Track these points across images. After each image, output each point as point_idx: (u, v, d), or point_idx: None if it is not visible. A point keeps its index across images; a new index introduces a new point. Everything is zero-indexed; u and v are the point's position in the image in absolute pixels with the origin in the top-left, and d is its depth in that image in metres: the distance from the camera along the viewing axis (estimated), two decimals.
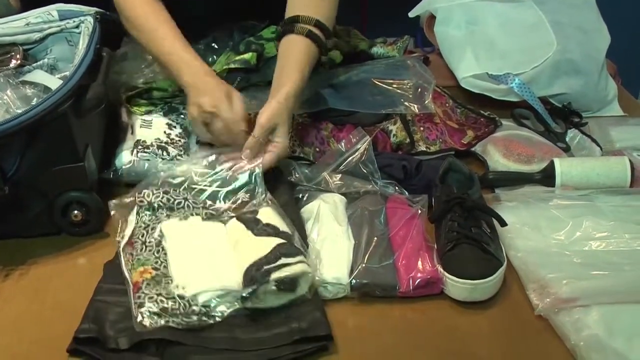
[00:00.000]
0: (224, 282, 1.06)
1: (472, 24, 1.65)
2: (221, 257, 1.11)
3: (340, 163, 1.29)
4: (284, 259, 1.06)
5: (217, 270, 1.09)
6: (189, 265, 1.10)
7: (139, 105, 1.47)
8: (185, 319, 1.02)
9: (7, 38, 1.42)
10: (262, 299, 1.05)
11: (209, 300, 1.04)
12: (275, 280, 1.04)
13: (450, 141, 1.42)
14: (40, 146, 1.15)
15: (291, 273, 1.05)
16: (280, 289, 1.05)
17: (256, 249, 1.09)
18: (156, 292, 1.04)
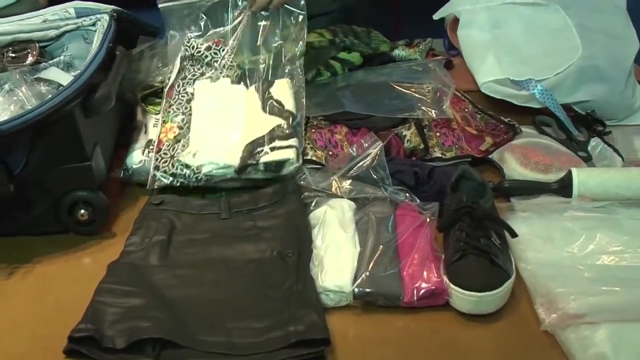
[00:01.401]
0: (227, 159, 1.28)
1: (496, 28, 1.62)
2: (232, 130, 1.33)
3: (351, 168, 1.27)
4: (277, 142, 1.28)
5: (225, 145, 1.30)
6: (205, 135, 1.32)
7: (154, 104, 1.47)
8: (189, 180, 1.28)
9: (24, 35, 1.43)
10: (253, 174, 1.28)
11: (211, 170, 1.27)
12: (264, 163, 1.26)
13: (467, 147, 1.40)
14: (47, 144, 1.15)
15: (278, 158, 1.27)
16: (267, 170, 1.27)
17: (259, 127, 1.31)
18: (171, 155, 1.29)
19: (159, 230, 1.18)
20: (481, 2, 1.68)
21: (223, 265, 1.13)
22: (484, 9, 1.65)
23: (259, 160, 1.27)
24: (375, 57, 1.63)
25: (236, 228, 1.21)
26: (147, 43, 1.50)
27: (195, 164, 1.28)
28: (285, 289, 1.07)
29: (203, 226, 1.21)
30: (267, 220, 1.22)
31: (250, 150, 1.29)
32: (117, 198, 1.30)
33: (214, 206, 1.25)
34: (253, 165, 1.27)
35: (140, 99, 1.46)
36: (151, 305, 1.04)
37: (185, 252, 1.16)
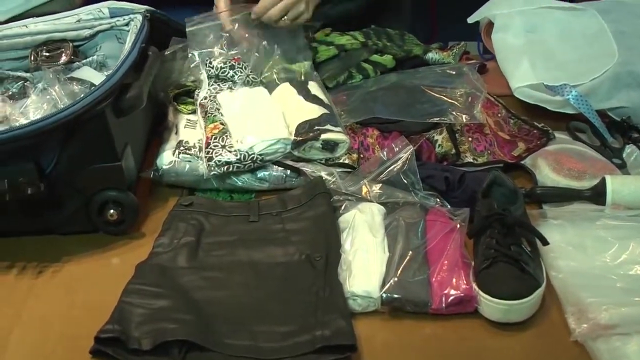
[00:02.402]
0: (274, 134, 1.32)
1: (531, 32, 1.60)
2: (269, 114, 1.38)
3: (381, 172, 1.27)
4: (329, 126, 1.33)
5: (267, 125, 1.34)
6: (244, 124, 1.35)
7: (186, 104, 1.48)
8: (244, 163, 1.30)
9: (58, 34, 1.45)
10: (307, 152, 1.33)
11: (264, 149, 1.30)
12: (323, 139, 1.31)
13: (500, 153, 1.38)
14: (78, 144, 1.16)
15: (336, 138, 1.32)
16: (324, 148, 1.32)
17: (307, 112, 1.37)
18: (222, 145, 1.31)
19: (187, 231, 1.18)
20: (516, 6, 1.66)
21: (251, 268, 1.13)
22: (519, 13, 1.64)
23: (319, 137, 1.31)
24: (407, 60, 1.62)
25: (264, 231, 1.21)
26: (180, 44, 1.50)
27: (247, 146, 1.30)
28: (313, 294, 1.06)
29: (231, 228, 1.21)
30: (295, 223, 1.21)
31: (307, 128, 1.33)
32: (146, 198, 1.31)
33: (243, 208, 1.25)
34: (312, 139, 1.31)
35: (172, 98, 1.46)
36: (178, 307, 1.04)
37: (213, 254, 1.16)
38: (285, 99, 1.44)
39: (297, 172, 1.33)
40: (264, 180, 1.33)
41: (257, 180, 1.33)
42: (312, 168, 1.32)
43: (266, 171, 1.33)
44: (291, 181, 1.34)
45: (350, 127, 1.40)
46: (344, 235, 1.18)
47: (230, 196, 1.33)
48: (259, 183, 1.33)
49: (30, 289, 1.14)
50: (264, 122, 1.36)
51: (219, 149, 1.32)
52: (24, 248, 1.22)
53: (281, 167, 1.33)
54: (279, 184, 1.34)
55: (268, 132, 1.33)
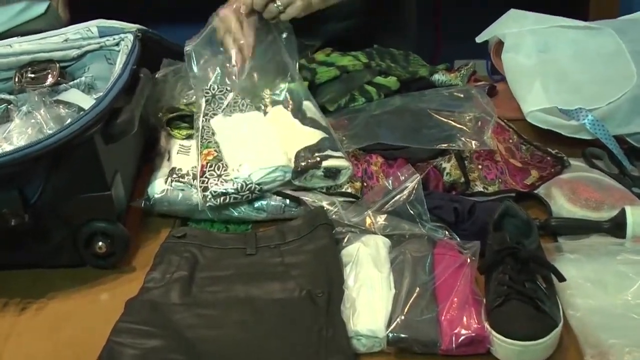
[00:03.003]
0: (272, 161, 1.32)
1: (543, 52, 1.61)
2: (266, 140, 1.38)
3: (386, 202, 1.26)
4: (330, 151, 1.33)
5: (264, 152, 1.35)
6: (240, 151, 1.36)
7: (180, 128, 1.48)
8: (242, 194, 1.30)
9: (44, 54, 1.45)
10: (308, 181, 1.33)
11: (262, 177, 1.30)
12: (325, 167, 1.31)
13: (512, 181, 1.38)
14: (65, 172, 1.16)
15: (338, 165, 1.32)
16: (325, 176, 1.32)
17: (305, 137, 1.37)
18: (217, 174, 1.31)
19: (180, 265, 1.18)
20: (528, 24, 1.67)
21: (248, 305, 1.12)
22: (531, 32, 1.64)
23: (320, 165, 1.31)
24: (413, 82, 1.62)
25: (262, 265, 1.20)
26: (171, 67, 1.51)
27: (244, 175, 1.31)
28: (315, 333, 1.05)
29: (227, 262, 1.20)
30: (295, 257, 1.21)
31: (307, 155, 1.33)
32: (137, 230, 1.31)
33: (239, 241, 1.25)
34: (313, 168, 1.31)
35: (165, 123, 1.46)
36: (171, 347, 1.03)
37: (208, 290, 1.15)
38: (280, 123, 1.44)
39: (297, 201, 1.33)
40: (262, 210, 1.33)
41: (255, 210, 1.33)
42: (313, 197, 1.32)
43: (264, 200, 1.33)
44: (290, 211, 1.33)
45: (352, 154, 1.40)
46: (347, 269, 1.17)
47: (226, 227, 1.33)
48: (256, 213, 1.33)
49: (12, 327, 1.13)
50: (260, 148, 1.37)
51: (214, 178, 1.32)
52: (6, 282, 1.21)
53: (280, 197, 1.33)
54: (278, 214, 1.33)
55: (265, 160, 1.33)
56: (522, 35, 1.65)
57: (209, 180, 1.31)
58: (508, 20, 1.73)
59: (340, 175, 1.33)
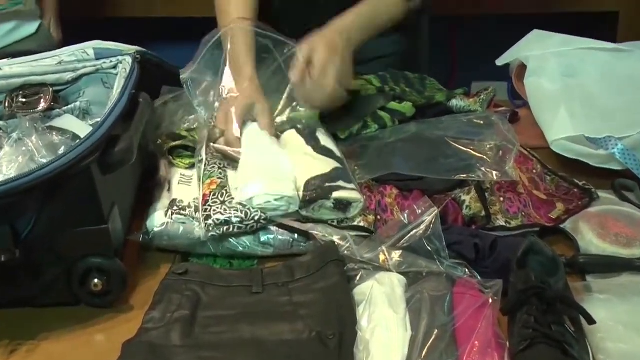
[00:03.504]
0: (280, 188, 1.33)
1: (569, 76, 1.62)
2: (278, 163, 1.40)
3: (402, 237, 1.27)
4: (342, 182, 1.35)
5: (271, 176, 1.36)
6: (247, 170, 1.38)
7: (182, 157, 1.49)
8: (246, 223, 1.31)
9: (37, 77, 1.46)
10: (317, 212, 1.34)
11: (265, 203, 1.32)
12: (335, 198, 1.32)
13: (536, 215, 1.39)
14: (59, 204, 1.17)
15: (349, 197, 1.33)
16: (335, 207, 1.33)
17: (317, 165, 1.40)
18: (220, 201, 1.33)
19: (182, 304, 1.18)
20: (552, 46, 1.69)
21: (254, 348, 1.12)
22: (556, 55, 1.66)
23: (330, 195, 1.32)
24: (429, 108, 1.64)
25: (269, 304, 1.20)
26: (171, 94, 1.52)
27: (246, 197, 1.32)
28: None
29: (232, 301, 1.21)
30: (304, 295, 1.21)
31: (318, 184, 1.34)
32: (135, 266, 1.31)
33: (244, 278, 1.25)
34: (323, 198, 1.32)
35: (167, 152, 1.47)
36: None
37: (211, 330, 1.15)
38: (292, 148, 1.46)
39: (306, 236, 1.33)
40: (268, 244, 1.34)
41: (260, 244, 1.34)
42: (323, 231, 1.33)
43: (270, 234, 1.34)
44: (299, 246, 1.34)
45: (365, 185, 1.41)
46: (360, 309, 1.17)
47: (230, 263, 1.34)
48: (263, 248, 1.34)
49: None
50: (271, 172, 1.38)
51: (217, 205, 1.33)
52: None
53: (287, 230, 1.34)
54: (285, 250, 1.34)
55: (273, 185, 1.34)
56: (546, 58, 1.66)
57: (212, 208, 1.32)
58: (531, 41, 1.75)
59: (351, 208, 1.34)
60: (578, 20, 2.71)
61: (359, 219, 1.35)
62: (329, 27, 1.52)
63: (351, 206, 1.34)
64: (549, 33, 1.75)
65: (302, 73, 1.47)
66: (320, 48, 1.48)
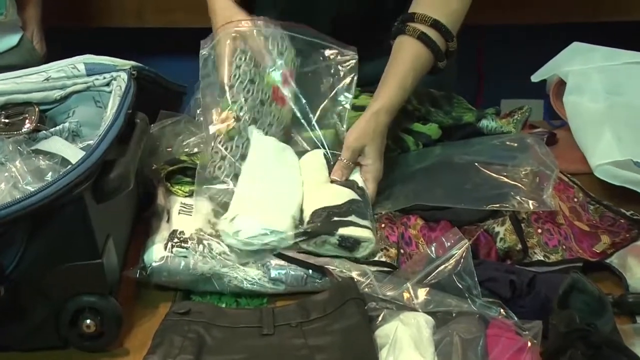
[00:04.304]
0: (269, 221, 1.34)
1: (614, 94, 1.63)
2: (272, 195, 1.42)
3: (429, 273, 1.28)
4: (354, 217, 1.36)
5: (264, 209, 1.38)
6: (238, 203, 1.40)
7: (181, 184, 1.50)
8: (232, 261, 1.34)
9: (21, 96, 1.47)
10: (320, 247, 1.35)
11: (251, 238, 1.33)
12: (341, 235, 1.33)
13: (578, 249, 1.40)
14: (48, 237, 1.18)
15: (357, 235, 1.34)
16: (340, 245, 1.34)
17: (331, 195, 1.41)
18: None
19: (184, 348, 1.19)
20: (594, 61, 1.70)
21: None
22: (599, 70, 1.67)
23: (335, 231, 1.33)
24: (457, 130, 1.66)
25: (282, 347, 1.21)
26: (169, 120, 1.54)
27: (232, 230, 1.34)
28: None
29: (240, 344, 1.21)
30: (321, 338, 1.22)
31: (324, 217, 1.36)
32: (131, 305, 1.32)
33: (253, 318, 1.26)
34: (326, 234, 1.34)
35: (164, 177, 1.49)
36: None
37: None
38: (308, 171, 1.48)
39: (321, 271, 1.34)
40: (279, 281, 1.35)
41: (271, 281, 1.35)
42: (340, 266, 1.34)
43: (282, 269, 1.35)
44: (314, 283, 1.35)
45: (386, 215, 1.42)
46: (383, 353, 1.18)
47: (237, 301, 1.35)
48: (273, 285, 1.35)
49: None
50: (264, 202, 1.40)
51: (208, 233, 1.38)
52: None
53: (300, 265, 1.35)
54: (299, 287, 1.36)
55: (263, 218, 1.36)
56: (587, 74, 1.67)
57: (205, 239, 1.36)
58: (570, 55, 1.76)
59: (359, 247, 1.36)
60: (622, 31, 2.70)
61: (379, 253, 1.36)
62: (376, 108, 1.51)
63: (360, 245, 1.36)
64: (591, 46, 1.76)
65: (344, 172, 1.50)
66: (371, 152, 1.49)
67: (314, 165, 1.49)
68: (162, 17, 2.79)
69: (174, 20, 2.79)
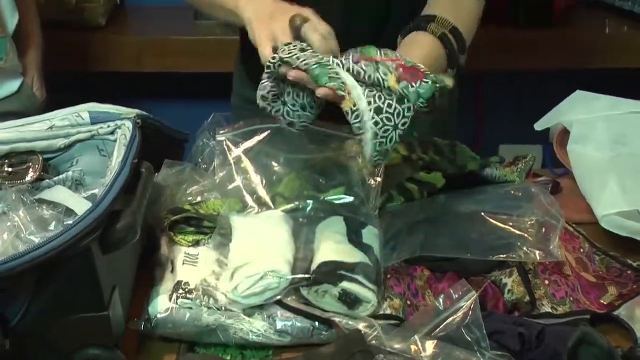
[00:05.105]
0: (262, 266, 1.34)
1: (620, 144, 1.64)
2: (267, 243, 1.42)
3: (437, 325, 1.28)
4: (361, 278, 1.34)
5: (258, 257, 1.37)
6: (234, 260, 1.39)
7: (185, 233, 1.51)
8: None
9: (25, 144, 1.47)
10: (320, 297, 1.35)
11: (249, 288, 1.33)
12: (343, 288, 1.33)
13: (585, 300, 1.40)
14: (54, 289, 1.18)
15: (359, 292, 1.33)
16: (341, 299, 1.34)
17: (343, 253, 1.39)
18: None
19: None
20: (598, 110, 1.71)
21: None
22: (603, 119, 1.68)
23: (339, 282, 1.33)
24: (461, 178, 1.66)
25: None
26: (173, 168, 1.55)
27: (232, 287, 1.34)
28: None
29: None
30: None
31: (331, 268, 1.35)
32: (135, 357, 1.32)
33: None
34: (330, 283, 1.33)
35: (167, 227, 1.49)
36: None
37: None
38: (330, 232, 1.47)
39: (327, 323, 1.34)
40: (285, 332, 1.35)
41: (276, 332, 1.35)
42: (347, 318, 1.34)
43: (287, 321, 1.35)
44: (319, 335, 1.35)
45: (392, 266, 1.43)
46: None
47: (242, 353, 1.35)
48: (279, 336, 1.35)
49: None
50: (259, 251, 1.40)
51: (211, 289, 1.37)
52: None
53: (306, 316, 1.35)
54: (304, 339, 1.35)
55: (254, 265, 1.36)
56: (592, 123, 1.68)
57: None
58: (574, 104, 1.77)
59: (359, 305, 1.35)
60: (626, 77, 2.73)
61: (384, 304, 1.36)
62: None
63: (360, 304, 1.35)
64: (594, 94, 1.78)
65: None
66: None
67: (334, 228, 1.47)
68: (160, 62, 2.82)
69: (172, 65, 2.82)
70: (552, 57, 2.86)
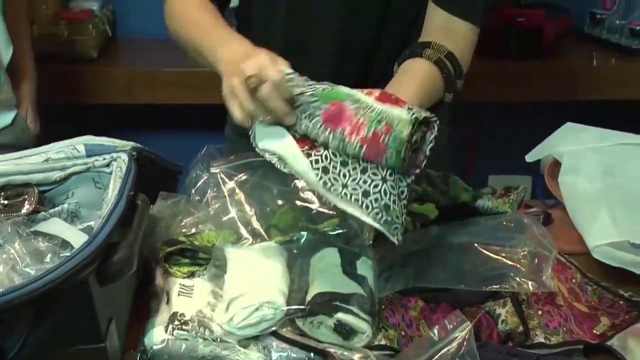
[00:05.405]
0: (256, 297, 1.35)
1: (610, 175, 1.66)
2: (261, 274, 1.42)
3: (432, 356, 1.28)
4: (356, 309, 1.34)
5: (252, 288, 1.38)
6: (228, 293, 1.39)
7: (180, 265, 1.51)
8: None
9: (21, 177, 1.48)
10: (315, 328, 1.35)
11: (245, 319, 1.33)
12: (338, 319, 1.33)
13: (578, 330, 1.41)
14: (51, 321, 1.18)
15: (355, 323, 1.33)
16: (336, 330, 1.34)
17: (336, 284, 1.40)
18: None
19: None
20: (588, 142, 1.73)
21: None
22: (593, 151, 1.70)
23: (334, 313, 1.33)
24: (454, 210, 1.67)
25: None
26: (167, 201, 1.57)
27: (227, 318, 1.35)
28: None
29: None
30: None
31: (326, 299, 1.36)
32: None
33: None
34: (325, 314, 1.34)
35: (163, 259, 1.50)
36: None
37: None
38: (325, 263, 1.47)
39: (323, 354, 1.35)
40: None
41: None
42: (342, 349, 1.34)
43: (283, 352, 1.35)
44: None
45: (386, 297, 1.43)
46: None
47: None
48: None
49: None
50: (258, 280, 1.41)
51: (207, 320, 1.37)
52: None
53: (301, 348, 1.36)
54: None
55: (248, 297, 1.37)
56: (582, 155, 1.70)
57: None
58: (564, 136, 1.79)
59: (355, 337, 1.35)
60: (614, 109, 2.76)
61: (378, 335, 1.37)
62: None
63: (355, 335, 1.35)
64: (584, 126, 1.80)
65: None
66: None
67: (329, 259, 1.47)
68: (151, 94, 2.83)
69: (163, 97, 2.83)
70: (543, 89, 2.89)
